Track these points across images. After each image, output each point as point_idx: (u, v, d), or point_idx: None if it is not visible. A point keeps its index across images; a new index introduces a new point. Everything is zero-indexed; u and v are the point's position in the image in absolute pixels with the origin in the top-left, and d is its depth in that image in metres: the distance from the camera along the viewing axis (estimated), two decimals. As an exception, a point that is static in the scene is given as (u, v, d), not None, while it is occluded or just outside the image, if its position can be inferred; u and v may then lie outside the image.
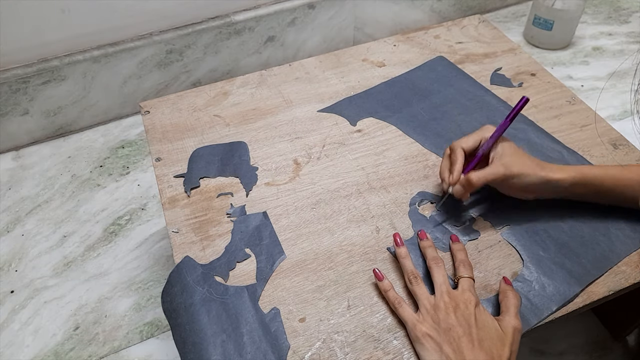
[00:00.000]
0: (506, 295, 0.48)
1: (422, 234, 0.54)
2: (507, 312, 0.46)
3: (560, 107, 0.71)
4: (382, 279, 0.50)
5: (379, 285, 0.50)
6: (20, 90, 1.02)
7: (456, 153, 0.54)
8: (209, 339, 0.47)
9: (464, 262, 0.50)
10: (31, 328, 0.79)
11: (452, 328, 0.44)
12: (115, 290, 0.83)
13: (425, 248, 0.52)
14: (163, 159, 0.65)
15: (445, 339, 0.44)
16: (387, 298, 0.49)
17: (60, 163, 1.06)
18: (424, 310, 0.46)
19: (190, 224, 0.58)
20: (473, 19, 0.88)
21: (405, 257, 0.51)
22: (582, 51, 1.28)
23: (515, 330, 0.44)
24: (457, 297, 0.46)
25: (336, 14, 1.23)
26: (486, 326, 0.44)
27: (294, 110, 0.72)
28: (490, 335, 0.44)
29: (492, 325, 0.44)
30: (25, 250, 0.90)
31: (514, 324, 0.45)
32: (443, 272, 0.49)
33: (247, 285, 0.51)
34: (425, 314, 0.46)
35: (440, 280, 0.48)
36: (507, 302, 0.47)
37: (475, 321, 0.44)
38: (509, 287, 0.49)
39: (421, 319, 0.46)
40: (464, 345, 0.43)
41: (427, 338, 0.44)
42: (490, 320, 0.45)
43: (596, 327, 0.75)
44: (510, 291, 0.48)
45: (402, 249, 0.52)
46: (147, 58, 1.10)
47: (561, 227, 0.55)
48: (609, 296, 0.50)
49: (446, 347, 0.43)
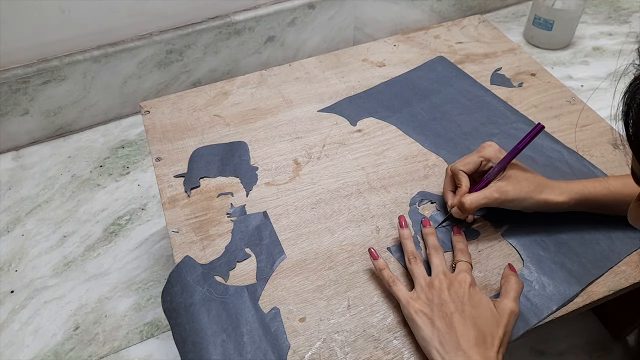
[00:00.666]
0: (508, 280, 0.48)
1: (426, 221, 0.54)
2: (506, 295, 0.46)
3: (560, 107, 0.71)
4: (377, 258, 0.50)
5: (374, 265, 0.50)
6: (20, 90, 1.02)
7: (459, 177, 0.54)
8: (209, 339, 0.47)
9: (462, 250, 0.51)
10: (31, 328, 0.79)
11: (445, 304, 0.44)
12: (115, 290, 0.83)
13: (427, 235, 0.53)
14: (163, 159, 0.65)
15: (437, 314, 0.44)
16: (382, 277, 0.49)
17: (60, 163, 1.06)
18: (419, 288, 0.47)
19: (191, 224, 0.58)
20: (473, 19, 0.88)
21: (408, 238, 0.52)
22: (582, 51, 1.28)
23: (512, 313, 0.45)
24: (453, 277, 0.47)
25: (336, 14, 1.23)
26: (481, 305, 0.44)
27: (294, 110, 0.72)
28: (484, 314, 0.44)
29: (486, 305, 0.45)
30: (25, 250, 0.90)
31: (511, 307, 0.45)
32: (441, 257, 0.50)
33: (247, 285, 0.51)
34: (420, 291, 0.46)
35: (437, 262, 0.49)
36: (507, 286, 0.47)
37: (469, 299, 0.44)
38: (513, 273, 0.49)
39: (415, 297, 0.46)
40: (456, 320, 0.43)
41: (419, 314, 0.45)
42: (485, 300, 0.45)
43: (596, 327, 0.75)
44: (513, 276, 0.48)
45: (406, 231, 0.53)
46: (147, 58, 1.10)
47: (561, 227, 0.55)
48: (609, 296, 0.50)
49: (438, 322, 0.43)
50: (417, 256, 0.50)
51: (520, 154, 0.53)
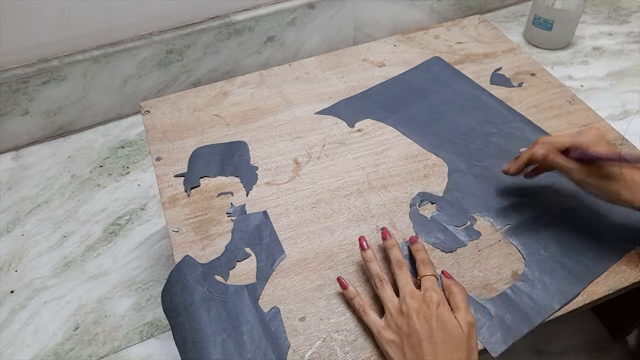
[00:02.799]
0: (451, 290, 0.47)
1: (385, 232, 0.53)
2: (458, 309, 0.46)
3: (560, 107, 0.71)
4: (347, 287, 0.50)
5: (345, 294, 0.50)
6: (20, 90, 1.02)
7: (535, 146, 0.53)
8: (209, 338, 0.47)
9: (424, 260, 0.50)
10: (31, 328, 0.79)
11: (413, 332, 0.44)
12: (115, 290, 0.83)
13: (389, 248, 0.51)
14: (163, 159, 0.65)
15: (407, 345, 0.44)
16: (353, 306, 0.49)
17: (60, 163, 1.06)
18: (389, 315, 0.46)
19: (191, 224, 0.58)
20: (473, 19, 0.88)
21: (371, 261, 0.50)
22: (582, 51, 1.28)
23: (470, 325, 0.45)
24: (420, 297, 0.46)
25: (336, 14, 1.23)
26: (447, 325, 0.44)
27: (294, 110, 0.72)
28: (451, 334, 0.43)
29: (453, 323, 0.44)
30: (25, 250, 0.90)
31: (468, 320, 0.45)
32: (406, 274, 0.48)
33: (247, 285, 0.51)
34: (390, 319, 0.46)
35: (403, 282, 0.48)
36: (454, 298, 0.46)
37: (437, 321, 0.44)
38: (452, 281, 0.48)
39: (385, 325, 0.46)
40: (425, 349, 0.43)
41: (391, 345, 0.45)
42: (451, 319, 0.45)
43: (596, 327, 0.75)
44: (455, 285, 0.48)
45: (368, 252, 0.51)
46: (147, 58, 1.10)
47: (562, 226, 0.55)
48: (608, 295, 0.50)
49: (408, 352, 0.43)
50: (383, 279, 0.49)
51: None
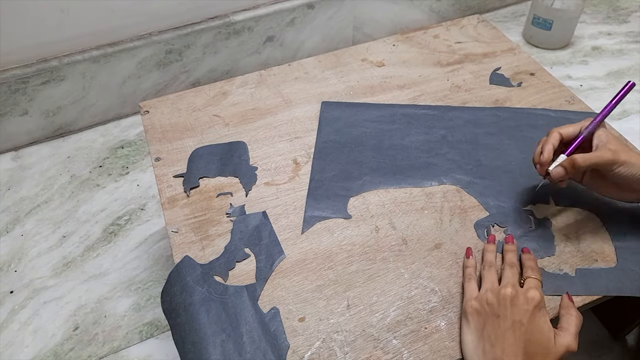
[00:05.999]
0: (570, 312, 0.46)
1: (510, 237, 0.53)
2: (567, 330, 0.44)
3: (560, 106, 0.71)
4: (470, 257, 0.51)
5: (464, 261, 0.51)
6: (20, 90, 1.02)
7: (550, 135, 0.52)
8: (208, 339, 0.47)
9: (532, 267, 0.49)
10: (31, 328, 0.79)
11: (502, 317, 0.42)
12: (114, 290, 0.83)
13: (507, 252, 0.52)
14: (162, 159, 0.65)
15: (491, 323, 0.42)
16: (463, 271, 0.50)
17: (59, 163, 1.06)
18: (484, 290, 0.46)
19: (190, 224, 0.57)
20: (472, 19, 0.88)
21: (491, 252, 0.51)
22: (581, 51, 1.28)
23: (568, 350, 0.42)
24: (522, 291, 0.45)
25: (335, 14, 1.23)
26: (539, 331, 0.42)
27: (294, 110, 0.72)
28: (539, 341, 0.41)
29: (546, 332, 0.42)
30: (25, 250, 0.90)
31: (569, 344, 0.43)
32: (515, 273, 0.48)
33: (247, 285, 0.51)
34: (484, 293, 0.45)
35: (510, 275, 0.47)
36: (569, 319, 0.45)
37: (529, 321, 0.42)
38: (573, 304, 0.47)
39: (477, 297, 0.46)
40: (507, 338, 0.41)
41: (474, 314, 0.44)
42: (546, 327, 0.43)
43: (596, 327, 0.75)
44: (574, 309, 0.46)
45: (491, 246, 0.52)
46: (146, 58, 1.10)
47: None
48: (608, 295, 0.50)
49: (489, 330, 0.42)
50: (494, 265, 0.49)
51: None
